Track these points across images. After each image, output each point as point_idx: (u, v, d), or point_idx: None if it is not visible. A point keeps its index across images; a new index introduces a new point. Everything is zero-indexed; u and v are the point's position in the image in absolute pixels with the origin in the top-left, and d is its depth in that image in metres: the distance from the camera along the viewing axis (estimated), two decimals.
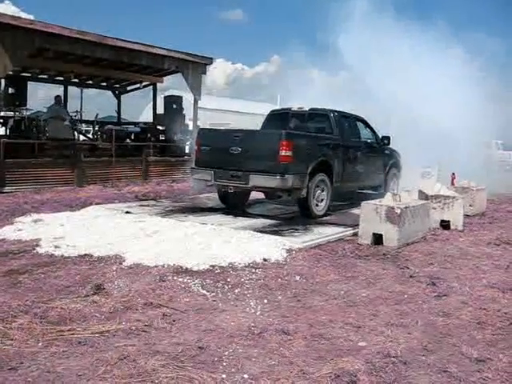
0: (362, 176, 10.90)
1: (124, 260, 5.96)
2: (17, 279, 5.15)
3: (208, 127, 16.35)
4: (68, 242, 6.67)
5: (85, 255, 6.15)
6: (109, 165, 14.15)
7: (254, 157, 8.72)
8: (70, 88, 18.83)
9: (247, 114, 37.08)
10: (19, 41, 11.52)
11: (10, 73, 13.08)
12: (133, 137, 17.37)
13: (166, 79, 19.74)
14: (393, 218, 7.24)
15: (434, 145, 17.86)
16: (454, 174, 11.93)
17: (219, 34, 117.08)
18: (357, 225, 7.83)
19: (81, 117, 18.14)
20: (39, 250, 6.36)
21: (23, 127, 14.64)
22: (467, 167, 14.80)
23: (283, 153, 8.43)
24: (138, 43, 14.10)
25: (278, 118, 11.08)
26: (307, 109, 10.69)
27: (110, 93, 20.24)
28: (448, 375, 3.43)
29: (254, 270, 5.79)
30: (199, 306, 4.57)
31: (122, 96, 20.08)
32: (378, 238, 7.37)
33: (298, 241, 7.22)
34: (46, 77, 18.05)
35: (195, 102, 16.46)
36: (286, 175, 8.40)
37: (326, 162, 9.43)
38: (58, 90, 18.13)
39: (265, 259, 6.22)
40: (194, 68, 15.92)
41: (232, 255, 6.22)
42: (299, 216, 9.26)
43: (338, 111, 10.55)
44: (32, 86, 17.44)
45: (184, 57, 15.49)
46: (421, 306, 4.84)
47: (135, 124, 19.17)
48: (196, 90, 16.20)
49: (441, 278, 5.73)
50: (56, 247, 6.43)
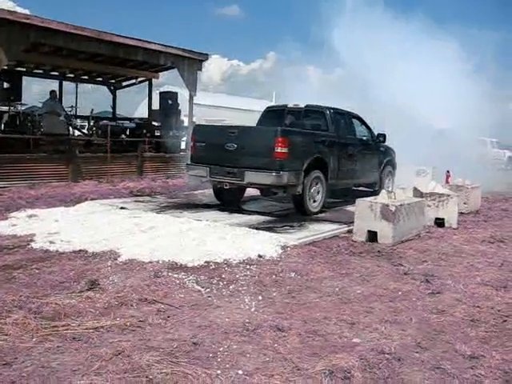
0: (357, 173, 10.92)
1: (119, 256, 5.95)
2: (11, 274, 5.14)
3: (203, 123, 16.29)
4: (63, 238, 6.66)
5: (79, 251, 6.14)
6: (104, 160, 14.11)
7: (249, 153, 8.72)
8: (65, 83, 18.75)
9: (243, 111, 36.98)
10: (14, 35, 11.46)
11: (5, 67, 13.01)
12: (128, 132, 17.33)
13: (162, 75, 19.71)
14: (387, 215, 7.25)
15: (429, 142, 17.93)
16: (448, 171, 11.96)
17: (215, 30, 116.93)
18: (352, 222, 7.85)
19: (76, 112, 18.08)
20: (34, 245, 6.35)
21: (18, 122, 14.60)
22: (462, 165, 14.87)
23: (279, 149, 8.43)
24: (133, 39, 14.05)
25: (274, 114, 11.08)
26: (303, 106, 10.69)
27: (105, 88, 20.17)
28: (441, 372, 3.45)
29: (248, 267, 5.79)
30: (194, 302, 4.58)
31: (117, 91, 20.02)
32: (372, 236, 7.39)
33: (293, 237, 7.23)
34: (41, 72, 17.97)
35: (191, 98, 16.43)
36: (281, 172, 8.40)
37: (322, 158, 9.44)
38: (53, 85, 18.08)
39: (260, 256, 6.22)
40: (189, 64, 15.88)
41: (227, 251, 6.23)
42: (294, 213, 9.27)
43: (333, 108, 10.56)
44: (27, 81, 17.42)
45: (180, 53, 15.45)
46: (415, 303, 4.86)
47: (130, 120, 19.14)
48: (192, 86, 16.17)
49: (435, 275, 5.76)
50: (51, 243, 6.42)
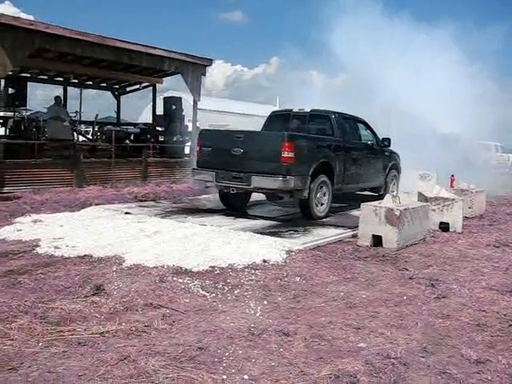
0: (362, 177, 10.92)
1: (124, 261, 5.96)
2: (16, 279, 5.15)
3: (208, 128, 16.33)
4: (68, 243, 6.68)
5: (84, 256, 6.16)
6: (108, 166, 14.12)
7: (256, 158, 8.71)
8: (70, 88, 18.80)
9: (246, 116, 37.06)
10: (19, 41, 11.51)
11: (10, 73, 13.05)
12: (132, 138, 17.37)
13: (166, 80, 19.73)
14: (392, 219, 7.24)
15: (433, 147, 17.93)
16: (453, 176, 11.95)
17: (219, 35, 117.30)
18: (356, 226, 7.84)
19: (80, 117, 18.12)
20: (39, 250, 6.37)
21: (23, 127, 14.65)
22: (466, 169, 14.86)
23: (285, 154, 8.43)
24: (137, 44, 14.08)
25: (279, 119, 11.08)
26: (308, 110, 10.70)
27: (109, 93, 20.21)
28: (448, 376, 3.44)
29: (253, 271, 5.79)
30: (199, 307, 4.58)
31: (121, 97, 20.06)
32: (377, 240, 7.38)
33: (298, 242, 7.23)
34: (45, 77, 18.02)
35: (195, 103, 16.44)
36: (288, 176, 8.40)
37: (328, 163, 9.44)
38: (58, 90, 18.13)
39: (264, 260, 6.22)
40: (193, 69, 15.91)
41: (232, 256, 6.23)
42: (299, 217, 9.27)
43: (338, 113, 10.56)
44: (32, 87, 17.45)
45: (184, 58, 15.48)
46: (420, 307, 4.84)
47: (135, 125, 19.17)
48: (195, 92, 16.18)
49: (440, 279, 5.74)
50: (56, 248, 6.44)
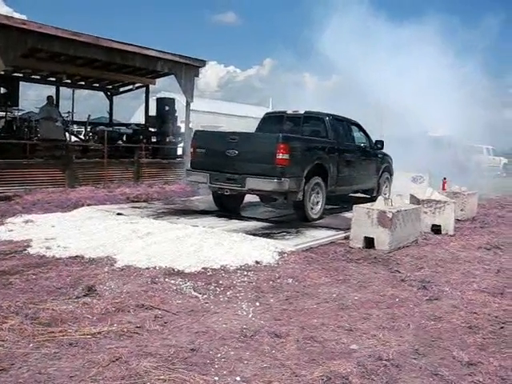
0: (355, 179, 10.95)
1: (116, 262, 5.94)
2: (7, 280, 5.12)
3: (200, 129, 16.33)
4: (59, 243, 6.65)
5: (76, 256, 6.13)
6: (100, 166, 14.08)
7: (250, 160, 8.71)
8: (62, 89, 18.75)
9: (240, 117, 37.11)
10: (12, 41, 11.46)
11: (2, 73, 13.01)
12: (125, 138, 17.34)
13: (159, 81, 19.71)
14: (384, 221, 7.26)
15: (425, 149, 18.02)
16: (445, 178, 12.00)
17: (212, 36, 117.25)
18: (349, 228, 7.84)
19: (72, 118, 18.08)
20: (30, 250, 6.34)
21: (15, 127, 14.61)
22: (458, 172, 14.93)
23: (280, 156, 8.43)
24: (131, 45, 14.07)
25: (273, 120, 11.09)
26: (302, 112, 10.71)
27: (102, 94, 20.18)
28: (439, 378, 3.45)
29: (246, 273, 5.79)
30: (191, 308, 4.57)
31: (114, 97, 20.02)
32: (369, 242, 7.39)
33: (290, 244, 7.23)
34: (38, 77, 17.96)
35: (187, 104, 16.43)
36: (282, 178, 8.40)
37: (322, 165, 9.45)
38: (50, 90, 18.06)
39: (257, 262, 6.22)
40: (186, 70, 15.90)
41: (224, 257, 6.22)
42: (292, 219, 9.27)
43: (332, 115, 10.58)
44: (24, 86, 17.39)
45: (177, 59, 15.48)
46: (412, 309, 4.85)
47: (127, 125, 19.15)
48: (189, 93, 16.18)
49: (432, 282, 5.76)
50: (47, 248, 6.41)
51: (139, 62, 14.81)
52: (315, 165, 9.23)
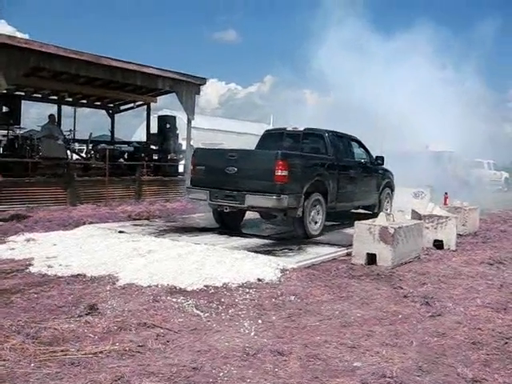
0: (356, 196, 10.95)
1: (117, 280, 5.93)
2: (9, 299, 5.11)
3: (202, 147, 16.37)
4: (61, 262, 6.65)
5: (78, 275, 6.12)
6: (102, 184, 14.11)
7: (249, 176, 8.73)
8: (64, 107, 18.85)
9: (240, 134, 37.17)
10: (14, 60, 11.56)
11: (4, 91, 13.09)
12: (126, 156, 17.39)
13: (160, 99, 19.82)
14: (386, 237, 7.24)
15: (426, 165, 18.04)
16: (446, 193, 12.00)
17: (213, 54, 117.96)
18: (350, 244, 7.83)
19: (74, 136, 18.16)
20: (32, 269, 6.33)
21: (16, 146, 14.64)
22: (460, 187, 14.92)
23: (279, 173, 8.45)
24: (132, 63, 14.16)
25: (273, 137, 11.12)
26: (302, 129, 10.74)
27: (103, 112, 20.28)
28: None
29: (248, 290, 5.77)
30: (193, 327, 4.55)
31: (115, 115, 20.12)
32: (371, 258, 7.37)
33: (292, 261, 7.21)
34: (40, 96, 18.07)
35: (189, 121, 16.50)
36: (281, 195, 8.41)
37: (321, 181, 9.46)
38: (52, 108, 18.17)
39: (259, 279, 6.20)
40: (187, 88, 16.00)
41: (226, 275, 6.20)
42: (293, 236, 9.24)
43: (332, 131, 10.61)
44: (26, 105, 17.48)
45: (178, 77, 15.57)
46: (415, 326, 4.83)
47: (129, 143, 19.22)
48: (190, 110, 16.25)
49: (435, 297, 5.73)
50: (49, 267, 6.40)
51: (140, 80, 14.91)
52: (315, 181, 9.25)
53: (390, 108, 19.06)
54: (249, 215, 10.57)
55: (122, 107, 20.17)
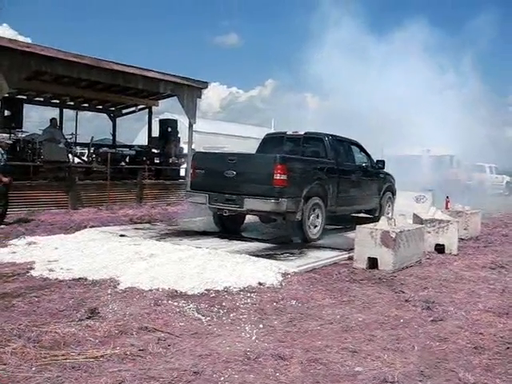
0: (357, 200, 10.94)
1: (118, 283, 5.92)
2: (10, 303, 5.11)
3: (203, 150, 16.39)
4: (62, 265, 6.64)
5: (79, 279, 6.11)
6: (103, 188, 14.14)
7: (248, 180, 8.74)
8: (66, 110, 18.87)
9: (242, 138, 37.15)
10: (16, 64, 11.60)
11: (6, 95, 13.11)
12: (128, 160, 17.40)
13: (161, 102, 19.86)
14: (388, 241, 7.23)
15: (427, 168, 18.05)
16: (448, 197, 11.98)
17: (214, 57, 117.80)
18: (352, 248, 7.82)
19: (76, 139, 18.14)
20: (33, 273, 6.33)
21: (18, 149, 14.64)
22: (461, 191, 14.92)
23: (278, 176, 8.45)
24: (133, 67, 14.20)
25: (274, 141, 11.12)
26: (302, 133, 10.74)
27: (105, 115, 20.31)
28: None
29: (249, 294, 5.76)
30: (194, 331, 4.54)
31: (117, 119, 20.14)
32: (373, 262, 7.36)
33: (293, 265, 7.20)
34: (41, 99, 18.11)
35: (190, 125, 16.53)
36: (280, 199, 8.42)
37: (321, 185, 9.45)
38: (54, 112, 18.20)
39: (260, 283, 6.19)
40: (189, 92, 16.03)
41: (227, 279, 6.20)
42: (294, 240, 9.24)
43: (332, 135, 10.60)
44: (27, 108, 17.50)
45: (179, 81, 15.61)
46: (417, 330, 4.81)
47: (130, 147, 19.23)
48: (191, 114, 16.28)
49: (436, 302, 5.72)
50: (50, 270, 6.40)
51: (141, 84, 14.94)
52: (314, 185, 9.25)
53: (390, 112, 19.07)
54: (250, 218, 10.56)
55: (124, 111, 20.21)
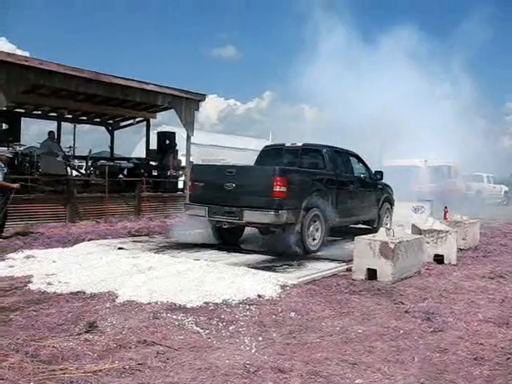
0: (355, 211, 10.94)
1: (117, 297, 5.90)
2: (8, 317, 5.08)
3: (201, 163, 16.42)
4: (60, 279, 6.62)
5: (77, 292, 6.09)
6: (102, 200, 14.12)
7: (247, 192, 8.75)
8: (64, 123, 18.90)
9: (240, 150, 37.29)
10: (14, 77, 11.62)
11: (4, 108, 13.13)
12: (126, 172, 17.40)
13: (159, 115, 19.92)
14: (387, 252, 7.22)
15: (425, 179, 18.09)
16: (446, 207, 12.00)
17: (212, 69, 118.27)
18: (351, 260, 7.80)
19: (74, 152, 18.16)
20: (31, 286, 6.30)
21: (16, 162, 14.64)
22: (459, 201, 14.94)
23: (277, 188, 8.46)
24: (131, 80, 14.24)
25: (272, 153, 11.15)
26: (300, 144, 10.77)
27: (103, 128, 20.34)
28: None
29: (248, 307, 5.74)
30: (193, 344, 4.51)
31: (115, 131, 20.17)
32: (372, 273, 7.33)
33: (292, 277, 7.18)
34: (39, 113, 18.14)
35: (188, 137, 16.55)
36: (280, 211, 8.42)
37: (320, 197, 9.45)
38: (52, 125, 18.22)
39: (259, 295, 6.17)
40: (187, 104, 16.07)
41: (226, 292, 6.17)
42: (293, 251, 9.21)
43: (330, 146, 10.64)
44: (25, 122, 17.51)
45: (177, 93, 15.65)
46: (417, 341, 4.79)
47: (128, 159, 19.23)
48: (189, 126, 16.31)
49: (436, 313, 5.70)
50: (48, 284, 6.38)
51: (139, 97, 14.98)
52: (313, 196, 9.25)
53: (386, 121, 19.15)
54: (248, 230, 10.55)
55: (122, 123, 20.24)
